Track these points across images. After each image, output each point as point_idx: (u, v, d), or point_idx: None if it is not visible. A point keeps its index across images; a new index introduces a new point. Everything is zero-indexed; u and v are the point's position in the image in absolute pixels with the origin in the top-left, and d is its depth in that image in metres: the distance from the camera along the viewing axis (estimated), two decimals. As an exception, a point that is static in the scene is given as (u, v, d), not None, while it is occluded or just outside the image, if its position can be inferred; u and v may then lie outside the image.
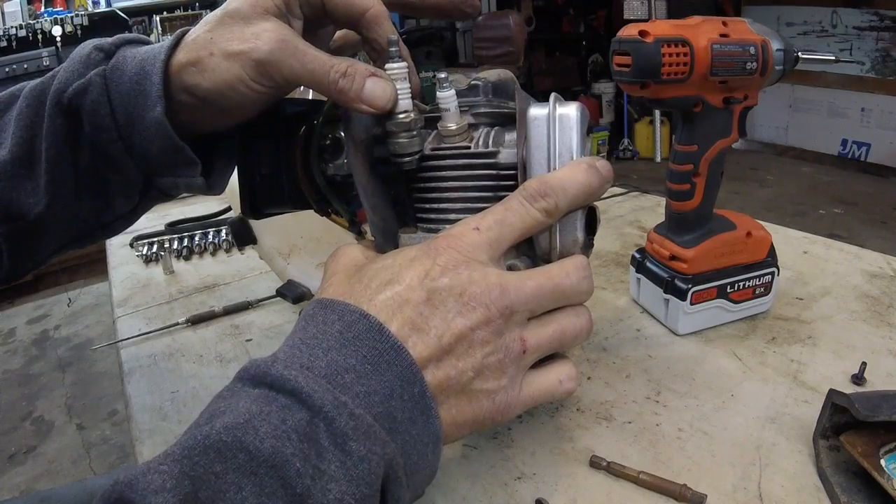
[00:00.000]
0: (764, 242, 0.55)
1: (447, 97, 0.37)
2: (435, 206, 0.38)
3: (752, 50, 0.47)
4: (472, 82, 0.40)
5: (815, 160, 4.28)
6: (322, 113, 0.43)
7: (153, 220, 1.03)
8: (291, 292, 0.62)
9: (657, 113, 4.29)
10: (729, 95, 0.49)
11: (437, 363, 0.29)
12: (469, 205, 0.37)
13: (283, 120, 0.44)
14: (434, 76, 0.37)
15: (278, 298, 0.67)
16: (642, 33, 0.45)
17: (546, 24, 4.84)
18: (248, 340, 0.62)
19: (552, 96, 0.37)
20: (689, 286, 0.52)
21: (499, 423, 0.32)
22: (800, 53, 0.51)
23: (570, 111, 0.35)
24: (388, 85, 0.35)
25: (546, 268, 0.33)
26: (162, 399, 0.53)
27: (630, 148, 4.67)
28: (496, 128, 0.39)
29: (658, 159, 4.47)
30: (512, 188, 0.35)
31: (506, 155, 0.37)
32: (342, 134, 0.41)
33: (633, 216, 0.87)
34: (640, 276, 0.58)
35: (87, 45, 0.38)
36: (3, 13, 3.17)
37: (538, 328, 0.32)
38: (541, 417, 0.45)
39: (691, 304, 0.52)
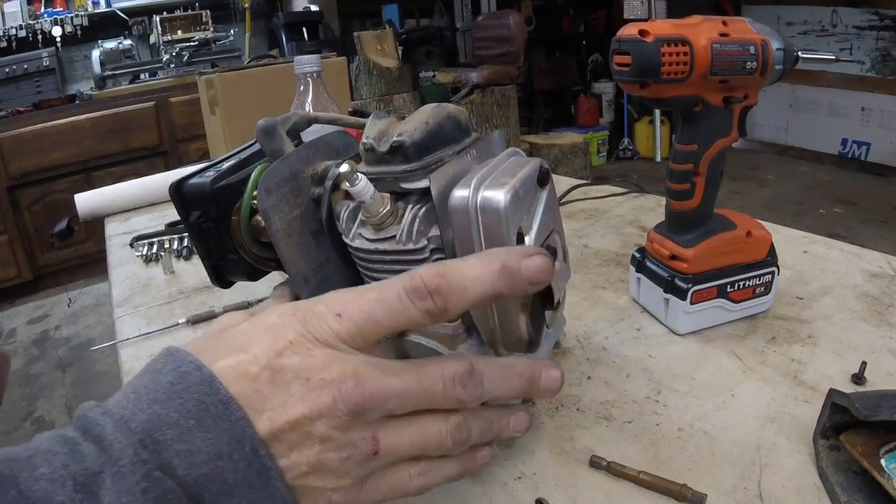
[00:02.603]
0: (764, 242, 0.55)
1: (361, 190, 0.34)
2: None
3: (752, 49, 0.47)
4: (395, 141, 0.35)
5: (815, 160, 4.28)
6: (248, 192, 0.41)
7: (153, 220, 1.03)
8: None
9: (657, 112, 4.29)
10: (729, 95, 0.49)
11: (267, 449, 0.25)
12: None
13: (214, 202, 0.42)
14: (434, 75, 0.36)
15: (278, 298, 0.67)
16: (642, 32, 0.45)
17: (546, 23, 4.84)
18: (247, 340, 0.62)
19: (477, 178, 0.32)
20: (689, 285, 0.52)
21: None
22: (800, 53, 0.51)
23: (496, 196, 0.31)
24: None
25: (420, 366, 0.28)
26: (162, 399, 0.53)
27: (630, 147, 4.67)
28: (428, 204, 0.35)
29: (658, 159, 4.47)
30: None
31: (436, 240, 0.35)
32: None
33: (633, 216, 0.87)
34: (640, 275, 0.58)
35: None
36: (3, 13, 3.17)
37: (397, 429, 0.28)
38: (541, 417, 0.45)
39: (691, 303, 0.52)
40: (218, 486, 0.24)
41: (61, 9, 3.31)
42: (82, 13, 3.31)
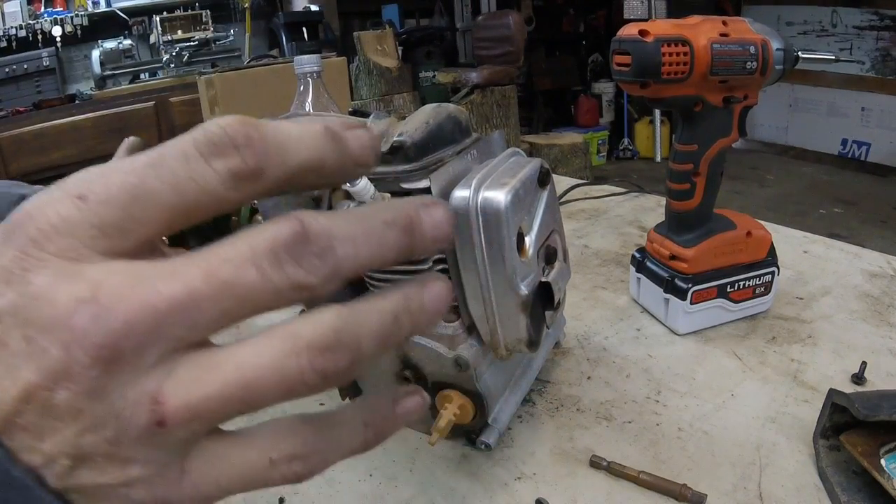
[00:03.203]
0: (764, 242, 0.55)
1: (361, 190, 0.34)
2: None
3: (752, 49, 0.47)
4: (395, 141, 0.35)
5: (815, 160, 4.28)
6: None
7: (153, 220, 1.03)
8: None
9: (657, 113, 4.29)
10: (729, 95, 0.49)
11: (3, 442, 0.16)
12: None
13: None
14: (434, 75, 0.36)
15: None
16: (642, 33, 0.45)
17: (546, 23, 4.84)
18: (247, 340, 0.62)
19: (478, 178, 0.32)
20: (690, 286, 0.52)
21: None
22: (800, 53, 0.51)
23: (497, 196, 0.30)
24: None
25: (215, 251, 0.17)
26: (162, 399, 0.53)
27: (630, 147, 4.67)
28: None
29: (658, 159, 4.47)
30: (445, 271, 0.32)
31: None
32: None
33: (633, 216, 0.87)
34: (640, 275, 0.58)
35: None
36: (3, 13, 3.17)
37: (197, 373, 0.17)
38: (541, 417, 0.45)
39: (691, 303, 0.52)
40: None
41: (61, 9, 3.31)
42: (82, 13, 3.31)
